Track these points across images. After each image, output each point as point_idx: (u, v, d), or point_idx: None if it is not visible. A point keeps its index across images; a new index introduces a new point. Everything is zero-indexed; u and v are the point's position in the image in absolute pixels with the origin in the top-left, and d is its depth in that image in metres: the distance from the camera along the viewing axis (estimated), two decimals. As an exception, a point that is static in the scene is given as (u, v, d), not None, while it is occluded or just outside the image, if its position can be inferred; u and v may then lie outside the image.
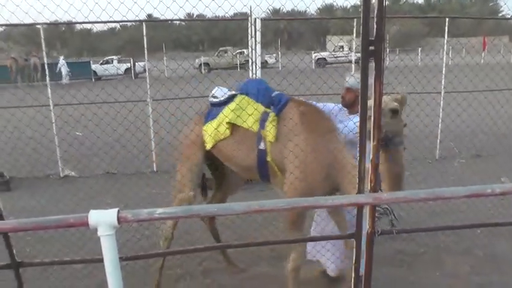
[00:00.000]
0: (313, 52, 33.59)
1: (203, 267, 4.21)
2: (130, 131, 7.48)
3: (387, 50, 31.98)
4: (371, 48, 1.62)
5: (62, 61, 25.37)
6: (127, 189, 6.32)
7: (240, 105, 3.28)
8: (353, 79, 3.48)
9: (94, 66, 28.33)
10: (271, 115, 3.16)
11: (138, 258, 2.17)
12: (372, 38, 1.62)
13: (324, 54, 33.27)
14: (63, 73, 24.77)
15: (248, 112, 3.21)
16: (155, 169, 7.54)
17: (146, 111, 7.60)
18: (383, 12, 1.60)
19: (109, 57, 31.04)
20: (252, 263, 4.27)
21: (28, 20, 3.55)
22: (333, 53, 33.39)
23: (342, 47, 34.12)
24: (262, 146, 3.14)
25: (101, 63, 28.98)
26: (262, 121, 3.14)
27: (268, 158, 3.09)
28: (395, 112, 2.86)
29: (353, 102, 3.46)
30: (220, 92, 3.51)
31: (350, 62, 29.99)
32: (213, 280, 4.02)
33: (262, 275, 4.09)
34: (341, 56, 32.05)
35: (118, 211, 1.61)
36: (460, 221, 4.92)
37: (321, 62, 31.99)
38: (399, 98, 2.96)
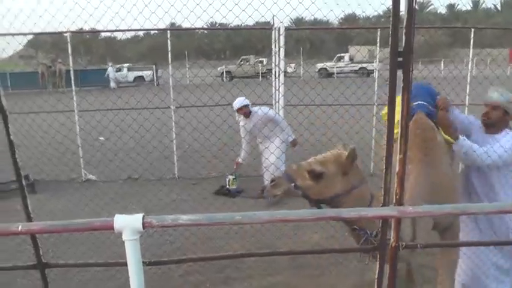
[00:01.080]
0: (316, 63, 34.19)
1: (224, 275, 4.21)
2: (156, 137, 7.58)
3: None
4: (399, 59, 1.61)
5: (110, 68, 28.05)
6: (151, 194, 6.40)
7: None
8: (497, 94, 2.94)
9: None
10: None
11: (161, 264, 2.19)
12: (401, 49, 1.62)
13: (327, 64, 33.83)
14: (111, 78, 27.06)
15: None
16: (176, 175, 7.61)
17: (170, 118, 7.70)
18: (413, 23, 1.59)
19: (121, 65, 31.96)
20: (273, 271, 4.26)
21: (53, 26, 3.65)
22: (333, 63, 33.80)
23: (343, 57, 34.44)
24: None
25: (116, 71, 29.69)
26: None
27: None
28: (315, 175, 2.52)
29: (498, 120, 2.95)
30: None
31: (352, 72, 30.01)
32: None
33: (282, 283, 4.09)
34: (343, 67, 32.46)
35: (143, 216, 1.62)
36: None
37: (323, 72, 32.53)
38: (343, 155, 2.56)
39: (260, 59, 32.26)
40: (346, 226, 2.67)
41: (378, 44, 7.49)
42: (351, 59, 34.60)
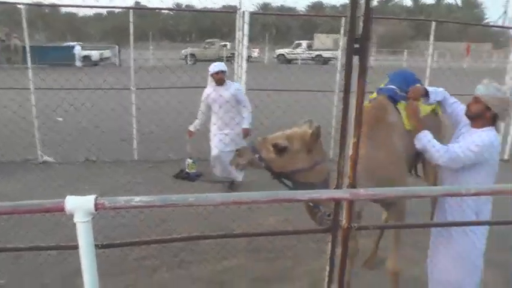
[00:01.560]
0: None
1: (179, 259, 4.20)
2: (116, 119, 7.40)
3: (374, 50, 32.66)
4: (356, 46, 1.63)
5: (78, 47, 28.07)
6: (107, 177, 6.26)
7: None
8: (482, 87, 2.83)
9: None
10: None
11: (114, 247, 2.15)
12: (358, 36, 1.64)
13: (283, 51, 35.34)
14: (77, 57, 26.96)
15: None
16: (136, 158, 7.48)
17: (129, 99, 7.52)
18: (370, 11, 1.61)
19: (71, 43, 31.15)
20: (228, 254, 4.29)
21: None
22: (292, 50, 35.39)
23: (300, 44, 35.61)
24: None
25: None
26: None
27: None
28: (279, 149, 2.67)
29: (478, 114, 2.83)
30: None
31: (309, 59, 31.09)
32: (189, 272, 4.02)
33: (238, 267, 4.12)
34: (301, 53, 33.70)
35: (96, 198, 1.58)
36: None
37: (281, 58, 34.00)
38: (308, 133, 2.70)
39: (224, 43, 32.31)
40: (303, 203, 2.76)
41: (342, 33, 7.56)
42: (308, 47, 35.59)
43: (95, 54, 28.72)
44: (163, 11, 54.34)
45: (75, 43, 29.31)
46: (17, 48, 23.35)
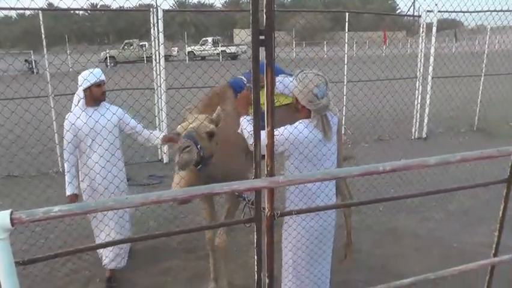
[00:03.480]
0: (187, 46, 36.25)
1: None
2: (27, 131, 6.98)
3: (294, 42, 33.62)
4: (261, 37, 1.68)
5: None
6: (27, 192, 5.86)
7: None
8: (294, 80, 2.72)
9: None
10: None
11: (36, 262, 2.03)
12: (262, 28, 1.69)
13: (194, 48, 36.35)
14: None
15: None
16: (60, 169, 7.12)
17: (46, 108, 7.12)
18: (272, 3, 1.67)
19: None
20: (163, 257, 4.24)
21: None
22: (199, 47, 36.48)
23: (207, 41, 36.53)
24: None
25: None
26: None
27: None
28: (210, 135, 2.86)
29: (296, 106, 2.76)
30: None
31: (214, 55, 32.15)
32: (126, 279, 3.93)
33: (173, 268, 4.10)
34: (207, 50, 34.67)
35: (11, 212, 1.50)
36: (362, 199, 5.30)
37: (191, 55, 34.72)
38: (215, 119, 2.96)
39: (142, 43, 31.74)
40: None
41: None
42: (214, 43, 36.39)
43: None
44: (77, 12, 52.06)
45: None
46: None
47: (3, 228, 1.49)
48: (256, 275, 1.97)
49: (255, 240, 1.88)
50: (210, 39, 36.99)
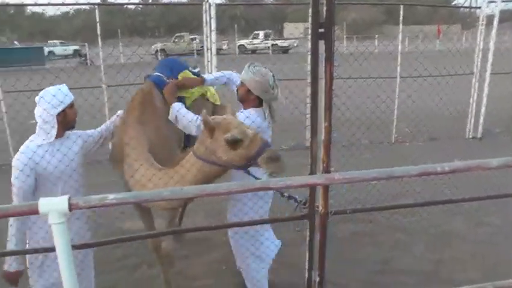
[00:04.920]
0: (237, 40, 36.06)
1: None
2: (84, 119, 7.25)
3: (344, 37, 32.99)
4: (321, 30, 1.63)
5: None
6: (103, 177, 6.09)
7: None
8: (243, 72, 2.98)
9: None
10: None
11: (90, 247, 2.11)
12: (323, 21, 1.64)
13: (244, 41, 36.13)
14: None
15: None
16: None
17: (101, 98, 7.38)
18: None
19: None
20: (208, 249, 4.28)
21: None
22: (251, 40, 36.28)
23: (258, 34, 36.20)
24: None
25: None
26: None
27: None
28: (234, 143, 2.33)
29: (243, 97, 3.00)
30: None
31: (266, 48, 31.84)
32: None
33: (218, 260, 4.12)
34: (258, 44, 34.31)
35: (69, 198, 1.55)
36: (417, 200, 5.12)
37: (242, 49, 34.64)
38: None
39: (193, 37, 32.30)
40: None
41: (310, 22, 7.57)
42: (266, 36, 36.22)
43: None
44: (130, 7, 53.60)
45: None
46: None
47: (61, 213, 1.54)
48: (306, 273, 1.94)
49: (307, 238, 1.84)
50: (261, 32, 36.97)
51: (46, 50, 28.77)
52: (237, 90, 3.10)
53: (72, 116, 2.74)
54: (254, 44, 35.51)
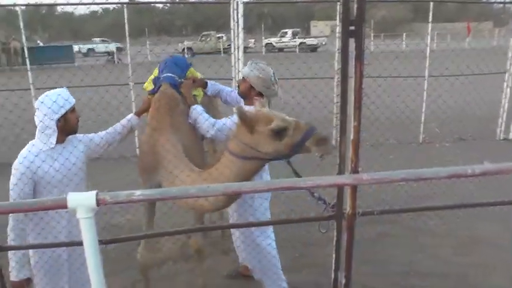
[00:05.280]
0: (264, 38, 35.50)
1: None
2: (114, 116, 7.41)
3: (372, 35, 32.49)
4: (351, 28, 1.60)
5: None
6: (111, 174, 6.23)
7: (151, 77, 3.41)
8: (246, 68, 3.11)
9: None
10: (145, 96, 3.23)
11: (117, 242, 2.14)
12: (353, 18, 1.61)
13: (272, 39, 35.81)
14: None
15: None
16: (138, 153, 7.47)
17: (129, 95, 7.50)
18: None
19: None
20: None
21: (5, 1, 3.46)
22: (279, 39, 35.82)
23: (286, 33, 35.90)
24: None
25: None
26: None
27: None
28: (279, 132, 2.29)
29: (246, 93, 3.13)
30: None
31: (294, 47, 31.26)
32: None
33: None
34: (287, 42, 34.00)
35: (97, 193, 1.58)
36: (443, 203, 5.00)
37: (269, 47, 34.23)
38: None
39: (220, 35, 32.47)
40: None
41: (338, 20, 7.50)
42: (294, 35, 35.91)
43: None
44: (158, 5, 54.25)
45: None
46: (16, 50, 23.41)
47: (89, 208, 1.57)
48: (332, 274, 1.91)
49: (335, 238, 1.82)
50: (289, 31, 36.81)
51: (86, 47, 29.37)
52: (238, 85, 3.25)
53: (73, 120, 2.66)
54: (283, 42, 35.18)
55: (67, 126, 2.62)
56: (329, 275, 2.03)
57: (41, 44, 32.55)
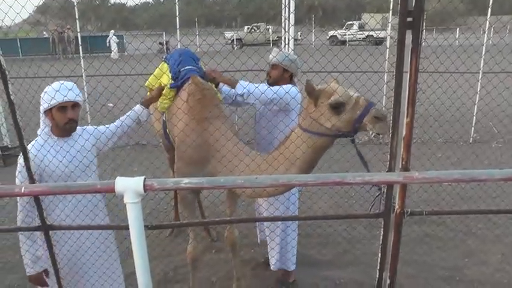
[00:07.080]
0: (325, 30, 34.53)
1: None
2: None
3: (424, 29, 31.20)
4: (409, 19, 1.53)
5: (112, 35, 25.81)
6: (157, 159, 6.36)
7: (157, 71, 3.39)
8: (282, 54, 3.29)
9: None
10: (166, 89, 3.11)
11: (163, 228, 2.19)
12: (411, 9, 1.54)
13: (338, 32, 33.95)
14: (112, 47, 25.13)
15: (161, 80, 3.29)
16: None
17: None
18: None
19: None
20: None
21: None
22: (344, 31, 33.96)
23: (352, 25, 34.63)
24: (164, 117, 3.33)
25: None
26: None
27: (168, 130, 3.26)
28: (337, 107, 2.28)
29: (279, 79, 3.29)
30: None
31: (360, 40, 30.17)
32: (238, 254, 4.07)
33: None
34: (353, 34, 32.80)
35: (145, 179, 1.60)
36: (493, 207, 4.76)
37: (334, 40, 32.72)
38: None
39: (268, 26, 32.26)
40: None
41: (390, 12, 7.27)
42: (361, 27, 34.71)
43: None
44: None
45: (111, 32, 28.35)
46: (70, 39, 24.36)
47: (136, 193, 1.60)
48: (377, 273, 1.86)
49: (381, 237, 1.76)
50: (356, 23, 35.87)
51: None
52: (268, 74, 3.37)
53: (59, 119, 2.44)
54: (349, 34, 34.21)
55: (54, 122, 2.46)
56: (371, 274, 1.98)
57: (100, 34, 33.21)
